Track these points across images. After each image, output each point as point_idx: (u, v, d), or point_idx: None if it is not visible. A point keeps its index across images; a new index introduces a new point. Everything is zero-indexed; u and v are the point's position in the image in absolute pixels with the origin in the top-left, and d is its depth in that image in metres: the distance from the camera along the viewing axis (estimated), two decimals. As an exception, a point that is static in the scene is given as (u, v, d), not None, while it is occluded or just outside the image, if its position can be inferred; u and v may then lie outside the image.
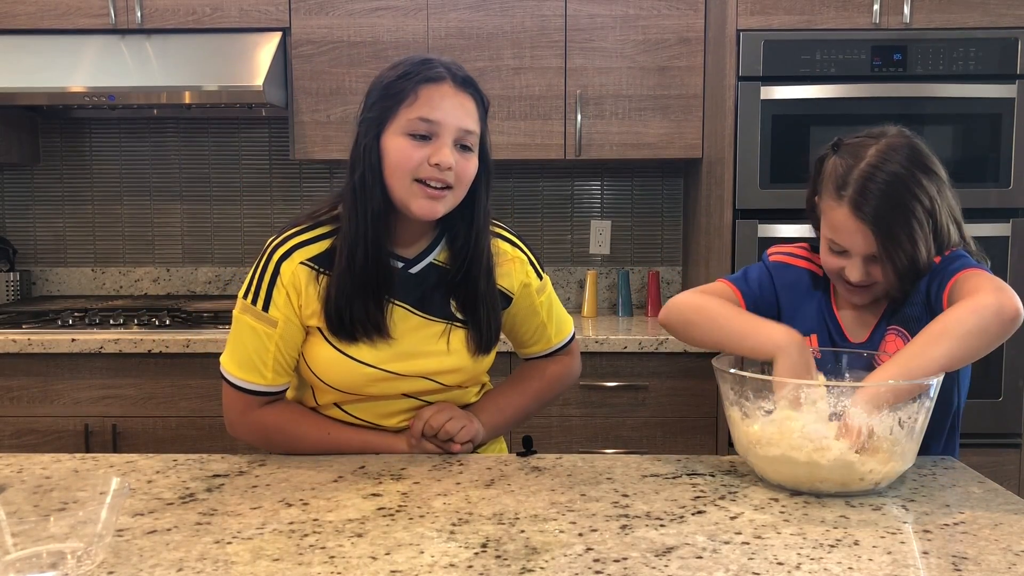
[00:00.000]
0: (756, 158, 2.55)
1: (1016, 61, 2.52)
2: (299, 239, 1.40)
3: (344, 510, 1.16)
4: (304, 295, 1.38)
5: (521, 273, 1.52)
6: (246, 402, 1.42)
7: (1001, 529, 1.10)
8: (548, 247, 3.26)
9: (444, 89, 1.34)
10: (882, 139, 1.37)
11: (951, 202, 1.39)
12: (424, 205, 1.34)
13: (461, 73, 1.37)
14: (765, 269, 1.54)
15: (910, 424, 1.20)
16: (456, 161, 1.34)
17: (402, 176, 1.33)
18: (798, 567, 0.98)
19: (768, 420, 1.23)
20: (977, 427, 2.56)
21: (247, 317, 1.39)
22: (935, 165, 1.37)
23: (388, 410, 1.46)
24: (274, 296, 1.38)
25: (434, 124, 1.32)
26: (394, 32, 2.81)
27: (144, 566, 0.98)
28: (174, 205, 3.26)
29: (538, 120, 2.83)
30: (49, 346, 2.52)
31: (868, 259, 1.37)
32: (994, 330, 1.22)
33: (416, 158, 1.32)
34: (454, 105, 1.34)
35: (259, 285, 1.39)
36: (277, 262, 1.39)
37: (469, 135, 1.36)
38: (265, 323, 1.38)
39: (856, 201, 1.33)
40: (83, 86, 2.68)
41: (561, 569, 0.97)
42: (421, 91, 1.33)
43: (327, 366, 1.40)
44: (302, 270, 1.38)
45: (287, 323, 1.39)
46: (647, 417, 2.61)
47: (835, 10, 2.53)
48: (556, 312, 1.58)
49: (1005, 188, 2.52)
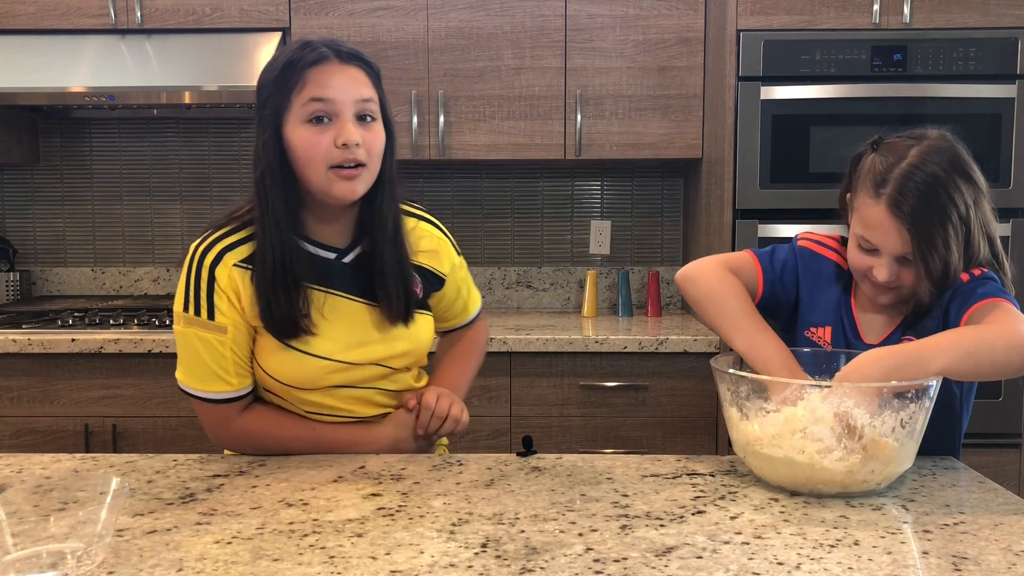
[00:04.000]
0: (756, 158, 2.55)
1: (1016, 61, 2.52)
2: (225, 243, 1.39)
3: (344, 510, 1.16)
4: (244, 297, 1.38)
5: (449, 254, 1.58)
6: (222, 413, 1.42)
7: (1001, 529, 1.10)
8: (548, 247, 3.26)
9: (330, 67, 1.33)
10: (924, 140, 1.36)
11: (987, 215, 1.36)
12: (343, 188, 1.34)
13: (345, 48, 1.36)
14: (793, 254, 1.53)
15: (911, 424, 1.20)
16: (362, 136, 1.33)
17: (317, 166, 1.33)
18: (798, 567, 0.98)
19: (769, 421, 1.23)
20: (977, 427, 2.55)
21: (194, 329, 1.37)
22: (975, 173, 1.34)
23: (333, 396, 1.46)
24: (216, 303, 1.36)
25: (329, 102, 1.32)
26: (394, 32, 2.81)
27: (144, 566, 0.98)
28: (174, 205, 3.26)
29: (538, 120, 2.83)
30: (49, 346, 2.52)
31: (898, 260, 1.35)
32: (1016, 364, 1.23)
33: (323, 144, 1.32)
34: (344, 80, 1.33)
35: (197, 295, 1.37)
36: (210, 268, 1.37)
37: (368, 103, 1.35)
38: (214, 331, 1.37)
39: (895, 199, 1.31)
40: (83, 86, 2.68)
41: (561, 569, 0.97)
42: (308, 74, 1.32)
43: (280, 365, 1.40)
44: (236, 272, 1.37)
45: (236, 327, 1.38)
46: (647, 417, 2.61)
47: (835, 10, 2.53)
48: (470, 287, 1.67)
49: (1005, 188, 2.52)
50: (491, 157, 2.85)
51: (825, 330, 1.46)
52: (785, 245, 1.55)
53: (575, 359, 2.58)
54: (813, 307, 1.48)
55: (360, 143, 1.33)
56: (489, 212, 3.25)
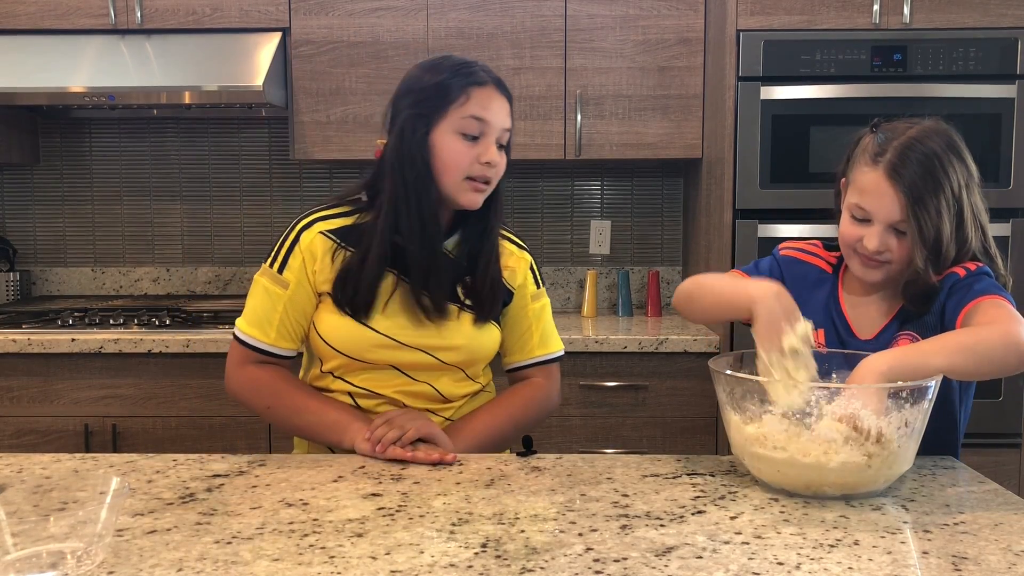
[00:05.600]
0: (756, 158, 2.55)
1: (1016, 61, 2.52)
2: (322, 213, 1.52)
3: (344, 510, 1.16)
4: (320, 262, 1.48)
5: (523, 273, 1.61)
6: (245, 355, 1.51)
7: (1001, 529, 1.10)
8: (548, 247, 3.26)
9: (490, 91, 1.46)
10: (922, 123, 1.41)
11: (979, 203, 1.40)
12: (472, 198, 1.47)
13: (497, 76, 1.49)
14: (775, 263, 1.56)
15: (911, 425, 1.20)
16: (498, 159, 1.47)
17: (455, 174, 1.45)
18: (798, 567, 0.98)
19: (771, 424, 1.23)
20: (977, 427, 2.54)
21: (263, 279, 1.51)
22: (969, 160, 1.39)
23: (381, 380, 1.51)
24: (290, 261, 1.49)
25: (485, 124, 1.44)
26: (394, 32, 2.81)
27: (144, 566, 0.98)
28: (174, 205, 3.26)
29: (538, 120, 2.83)
30: (49, 346, 2.52)
31: (890, 229, 1.37)
32: (1013, 364, 1.24)
33: (469, 157, 1.44)
34: (499, 107, 1.47)
35: (279, 250, 1.50)
36: (299, 231, 1.50)
37: (507, 133, 1.50)
38: (278, 284, 1.49)
39: (893, 164, 1.35)
40: (83, 86, 2.68)
41: (561, 569, 0.97)
42: (472, 93, 1.44)
43: (334, 330, 1.47)
44: (320, 239, 1.49)
45: (298, 286, 1.48)
46: (647, 417, 2.61)
47: (835, 10, 2.53)
48: (545, 326, 1.64)
49: (1005, 188, 2.52)
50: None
51: (818, 333, 1.46)
52: (766, 258, 1.59)
53: (575, 359, 2.58)
54: (803, 312, 1.48)
55: (498, 164, 1.47)
56: (489, 212, 3.25)
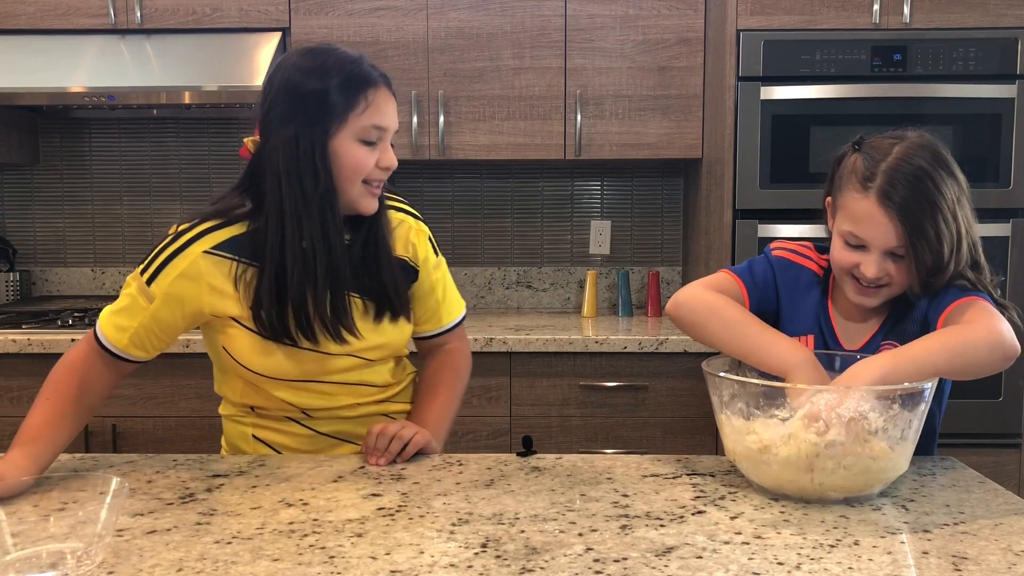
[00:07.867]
0: (756, 158, 2.55)
1: (1016, 61, 2.52)
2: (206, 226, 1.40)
3: (344, 510, 1.16)
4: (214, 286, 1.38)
5: (424, 247, 1.57)
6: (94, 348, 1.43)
7: (1001, 529, 1.10)
8: (548, 247, 3.26)
9: (384, 94, 1.41)
10: (905, 139, 1.36)
11: (969, 214, 1.36)
12: (370, 203, 1.43)
13: (382, 71, 1.44)
14: (769, 265, 1.51)
15: (908, 428, 1.19)
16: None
17: (355, 180, 1.40)
18: (798, 567, 0.98)
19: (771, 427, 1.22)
20: (977, 427, 2.56)
21: (133, 284, 1.41)
22: (956, 170, 1.35)
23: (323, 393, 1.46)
24: (160, 277, 1.38)
25: (383, 130, 1.41)
26: (394, 32, 2.81)
27: (144, 566, 0.98)
28: (174, 205, 3.25)
29: (538, 120, 2.83)
30: (49, 346, 2.51)
31: (887, 255, 1.34)
32: (996, 363, 1.24)
33: (370, 163, 1.41)
34: (392, 109, 1.43)
35: (153, 260, 1.39)
36: (178, 248, 1.39)
37: (395, 132, 1.46)
38: (143, 296, 1.39)
39: (885, 190, 1.30)
40: (83, 86, 2.68)
41: (561, 569, 0.97)
42: (369, 98, 1.39)
43: (250, 353, 1.41)
44: (206, 261, 1.38)
45: (164, 304, 1.39)
46: (647, 417, 2.61)
47: (835, 10, 2.53)
48: (448, 291, 1.62)
49: (1005, 188, 2.52)
50: (491, 157, 2.85)
51: (807, 339, 1.44)
52: (760, 257, 1.54)
53: (575, 359, 2.58)
54: (793, 317, 1.46)
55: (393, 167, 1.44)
56: (489, 212, 3.25)
